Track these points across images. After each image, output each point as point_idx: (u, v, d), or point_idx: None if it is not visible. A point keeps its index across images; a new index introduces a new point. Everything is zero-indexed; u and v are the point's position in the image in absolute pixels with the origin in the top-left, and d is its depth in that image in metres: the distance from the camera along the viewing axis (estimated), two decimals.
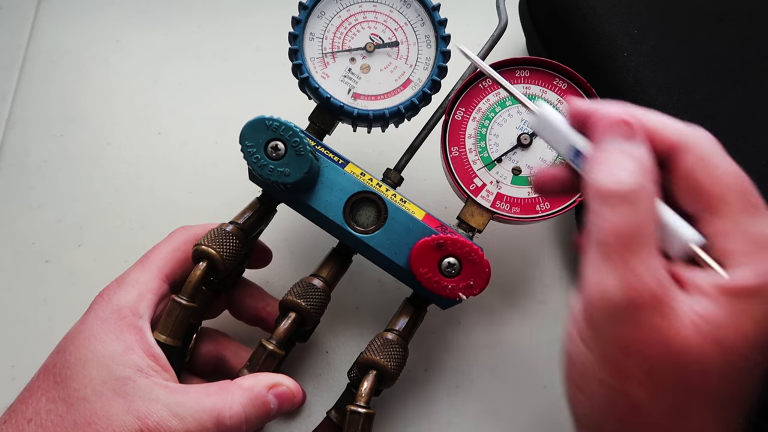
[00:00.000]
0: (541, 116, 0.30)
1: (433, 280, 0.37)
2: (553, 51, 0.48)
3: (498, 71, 0.41)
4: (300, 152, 0.36)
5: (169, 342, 0.36)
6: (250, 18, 0.56)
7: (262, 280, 0.46)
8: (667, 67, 0.43)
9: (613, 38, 0.44)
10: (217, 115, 0.53)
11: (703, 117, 0.42)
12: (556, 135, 0.30)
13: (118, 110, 0.53)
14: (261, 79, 0.54)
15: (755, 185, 0.40)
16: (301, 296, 0.38)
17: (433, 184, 0.48)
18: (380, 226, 0.39)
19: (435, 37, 0.41)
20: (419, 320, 0.40)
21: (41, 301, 0.48)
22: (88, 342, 0.34)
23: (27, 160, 0.51)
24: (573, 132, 0.29)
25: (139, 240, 0.49)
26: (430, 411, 0.44)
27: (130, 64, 0.55)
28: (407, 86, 0.41)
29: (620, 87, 0.43)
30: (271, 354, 0.37)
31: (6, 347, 0.46)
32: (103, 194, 0.50)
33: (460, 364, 0.46)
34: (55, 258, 0.49)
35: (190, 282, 0.37)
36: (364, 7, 0.41)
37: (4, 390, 0.39)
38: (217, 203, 0.49)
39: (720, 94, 0.43)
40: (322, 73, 0.40)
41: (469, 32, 0.44)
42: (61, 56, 0.55)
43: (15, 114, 0.53)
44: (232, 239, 0.38)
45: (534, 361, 0.46)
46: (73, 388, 0.32)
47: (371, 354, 0.38)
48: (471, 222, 0.40)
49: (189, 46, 0.55)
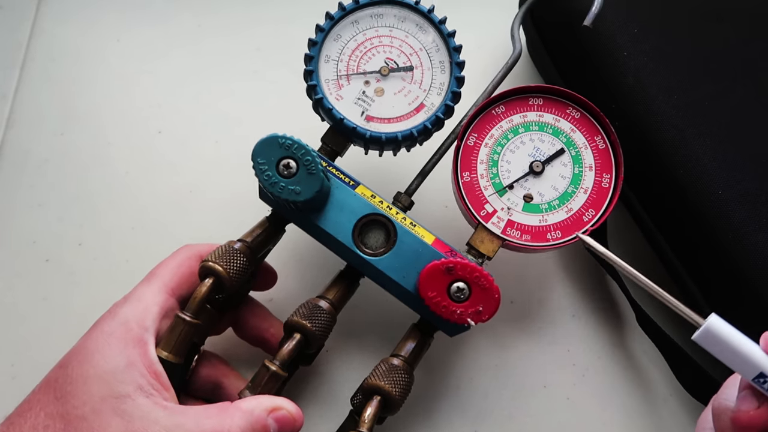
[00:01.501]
0: (709, 331, 0.27)
1: (442, 304, 0.37)
2: (554, 50, 0.49)
3: (511, 99, 0.41)
4: (312, 171, 0.36)
5: (170, 359, 0.35)
6: (250, 17, 0.56)
7: (265, 297, 0.45)
8: (667, 66, 0.43)
9: (612, 37, 0.44)
10: (217, 115, 0.53)
11: (703, 117, 0.42)
12: (735, 355, 0.26)
13: (119, 109, 0.53)
14: (261, 78, 0.54)
15: (755, 185, 0.39)
16: (306, 317, 0.38)
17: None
18: (389, 249, 0.38)
19: (450, 62, 0.41)
20: (426, 347, 0.40)
21: (41, 300, 0.47)
22: (91, 357, 0.33)
23: (27, 159, 0.51)
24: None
25: (139, 239, 0.49)
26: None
27: (130, 63, 0.55)
28: (420, 110, 0.41)
29: (620, 86, 0.43)
30: (273, 375, 0.36)
31: (6, 347, 0.46)
32: (104, 193, 0.50)
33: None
34: (56, 257, 0.48)
35: (195, 298, 0.36)
36: (380, 32, 0.41)
37: (4, 390, 0.39)
38: (218, 203, 0.49)
39: (720, 94, 0.42)
40: (336, 94, 0.41)
41: (470, 32, 0.44)
42: (61, 56, 0.55)
43: (15, 112, 0.53)
44: (240, 257, 0.38)
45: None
46: (73, 405, 0.32)
47: (376, 379, 0.37)
48: (481, 248, 0.40)
49: (189, 46, 0.55)
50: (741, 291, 0.40)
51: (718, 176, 0.41)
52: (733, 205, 0.40)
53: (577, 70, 0.47)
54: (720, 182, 0.40)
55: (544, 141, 0.41)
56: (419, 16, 0.41)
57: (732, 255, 0.39)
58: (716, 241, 0.40)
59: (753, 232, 0.39)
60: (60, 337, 0.36)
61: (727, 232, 0.40)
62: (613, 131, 0.40)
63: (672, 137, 0.42)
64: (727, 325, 0.27)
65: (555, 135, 0.41)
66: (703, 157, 0.41)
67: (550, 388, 0.45)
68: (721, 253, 0.40)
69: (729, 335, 0.26)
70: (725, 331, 0.26)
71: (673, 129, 0.42)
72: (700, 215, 0.41)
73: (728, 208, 0.40)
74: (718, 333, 0.27)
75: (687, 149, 0.41)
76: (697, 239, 0.41)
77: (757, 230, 0.39)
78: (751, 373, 0.26)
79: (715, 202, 0.40)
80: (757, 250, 0.39)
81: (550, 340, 0.46)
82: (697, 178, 0.41)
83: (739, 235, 0.39)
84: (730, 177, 0.40)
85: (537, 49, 0.50)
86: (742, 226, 0.40)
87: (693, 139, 0.41)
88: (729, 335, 0.26)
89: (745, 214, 0.40)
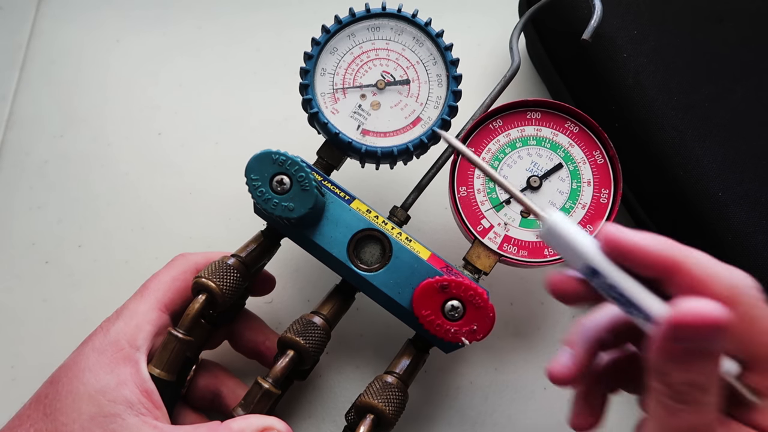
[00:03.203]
0: (552, 226, 0.27)
1: (436, 323, 0.36)
2: (554, 52, 0.48)
3: (509, 112, 0.41)
4: (305, 187, 0.36)
5: (163, 376, 0.35)
6: (250, 18, 0.56)
7: (265, 299, 0.45)
8: (667, 67, 0.43)
9: (612, 38, 0.43)
10: (217, 116, 0.52)
11: (703, 117, 0.42)
12: (571, 252, 0.27)
13: (118, 111, 0.53)
14: (261, 79, 0.54)
15: (755, 186, 0.39)
16: (300, 334, 0.37)
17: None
18: (384, 264, 0.38)
19: (447, 76, 0.40)
20: (421, 363, 0.39)
21: (41, 301, 0.47)
22: (81, 374, 0.33)
23: (27, 160, 0.51)
24: (605, 261, 0.26)
25: (139, 241, 0.49)
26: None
27: (130, 65, 0.55)
28: (417, 124, 0.40)
29: (620, 87, 0.43)
30: (266, 393, 0.36)
31: (6, 347, 0.46)
32: (103, 195, 0.50)
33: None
34: (55, 258, 0.49)
35: (188, 315, 0.36)
36: (377, 45, 0.41)
37: (3, 391, 0.39)
38: (217, 204, 0.49)
39: (720, 94, 0.42)
40: (332, 108, 0.40)
41: (470, 32, 0.43)
42: (61, 56, 0.55)
43: (15, 114, 0.53)
44: (233, 273, 0.38)
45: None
46: (62, 422, 0.32)
47: (369, 397, 0.37)
48: (477, 264, 0.39)
49: (189, 46, 0.55)
50: None
51: (718, 178, 0.40)
52: (733, 206, 0.40)
53: (577, 72, 0.47)
54: (720, 184, 0.40)
55: (542, 155, 0.40)
56: (416, 29, 0.41)
57: (732, 256, 0.39)
58: (716, 242, 0.40)
59: (753, 234, 0.39)
60: (60, 339, 0.36)
61: (727, 233, 0.40)
62: (612, 146, 0.40)
63: (672, 139, 0.41)
64: (569, 223, 0.27)
65: (553, 149, 0.40)
66: (703, 159, 0.41)
67: (550, 390, 0.45)
68: (722, 254, 0.39)
69: (567, 232, 0.27)
70: (565, 228, 0.27)
71: (673, 130, 0.41)
72: (700, 216, 0.40)
73: (728, 210, 0.40)
74: (557, 230, 0.27)
75: (687, 151, 0.41)
76: (697, 240, 0.41)
77: (757, 231, 0.39)
78: (579, 264, 0.27)
79: (715, 204, 0.40)
80: (758, 251, 0.39)
81: (551, 342, 0.46)
82: (697, 179, 0.41)
83: (739, 236, 0.39)
84: (730, 178, 0.40)
85: (537, 51, 0.50)
86: (742, 228, 0.40)
87: (693, 140, 0.41)
88: (567, 232, 0.27)
89: (745, 215, 0.40)
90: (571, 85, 0.48)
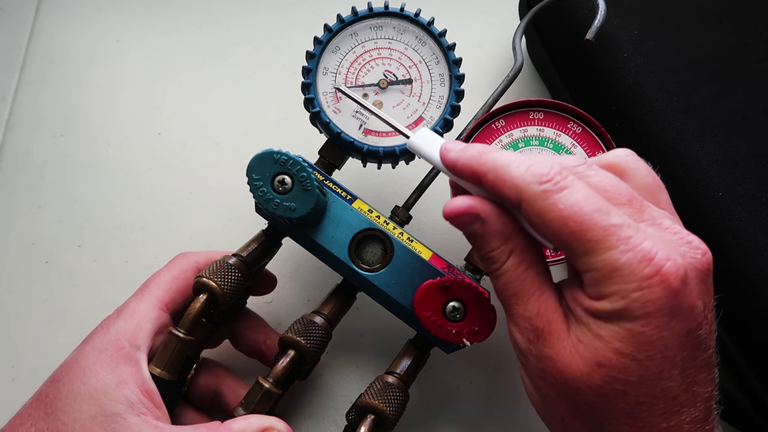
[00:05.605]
0: (410, 143, 0.33)
1: (437, 323, 0.36)
2: (554, 52, 0.48)
3: (512, 112, 0.41)
4: (307, 187, 0.36)
5: (164, 376, 0.35)
6: (250, 18, 0.56)
7: (265, 299, 0.45)
8: (667, 67, 0.43)
9: (613, 39, 0.43)
10: (217, 116, 0.52)
11: (703, 117, 0.42)
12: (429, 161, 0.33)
13: (118, 111, 0.53)
14: (261, 79, 0.54)
15: (755, 186, 0.40)
16: (301, 334, 0.37)
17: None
18: (386, 264, 0.38)
19: (449, 75, 0.40)
20: (422, 363, 0.39)
21: (41, 301, 0.47)
22: (82, 373, 0.33)
23: (27, 160, 0.51)
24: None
25: (139, 240, 0.49)
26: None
27: (130, 65, 0.55)
28: (419, 124, 0.40)
29: (620, 87, 0.43)
30: (267, 393, 0.36)
31: (6, 347, 0.46)
32: (103, 195, 0.50)
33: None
34: (55, 258, 0.48)
35: (188, 315, 0.36)
36: (380, 44, 0.41)
37: (4, 391, 0.38)
38: (217, 204, 0.49)
39: (720, 94, 0.42)
40: (333, 107, 0.40)
41: (471, 32, 0.43)
42: (61, 57, 0.55)
43: (15, 114, 0.53)
44: (234, 272, 0.37)
45: None
46: (63, 422, 0.32)
47: (370, 398, 0.36)
48: (479, 264, 0.39)
49: (189, 47, 0.55)
50: (742, 291, 0.40)
51: (718, 178, 0.40)
52: (734, 206, 0.40)
53: (577, 72, 0.47)
54: (720, 184, 0.40)
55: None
56: (419, 29, 0.41)
57: (733, 256, 0.39)
58: (717, 242, 0.40)
59: (753, 233, 0.39)
60: (60, 339, 0.35)
61: (728, 234, 0.40)
62: (614, 147, 0.39)
63: (672, 138, 0.41)
64: (430, 133, 0.33)
65: (556, 150, 0.40)
66: (703, 159, 0.41)
67: None
68: (722, 254, 0.40)
69: (421, 148, 0.33)
70: (419, 145, 0.33)
71: (674, 130, 0.42)
72: (701, 216, 0.41)
73: (728, 210, 0.40)
74: (415, 146, 0.33)
75: (687, 151, 0.41)
76: None
77: (757, 231, 0.40)
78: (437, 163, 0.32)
79: (715, 204, 0.40)
80: (758, 251, 0.39)
81: None
82: (697, 179, 0.41)
83: (740, 236, 0.40)
84: (730, 178, 0.40)
85: (537, 51, 0.50)
86: (742, 227, 0.40)
87: (693, 140, 0.41)
88: (421, 148, 0.33)
89: (745, 215, 0.40)
90: (571, 85, 0.48)
